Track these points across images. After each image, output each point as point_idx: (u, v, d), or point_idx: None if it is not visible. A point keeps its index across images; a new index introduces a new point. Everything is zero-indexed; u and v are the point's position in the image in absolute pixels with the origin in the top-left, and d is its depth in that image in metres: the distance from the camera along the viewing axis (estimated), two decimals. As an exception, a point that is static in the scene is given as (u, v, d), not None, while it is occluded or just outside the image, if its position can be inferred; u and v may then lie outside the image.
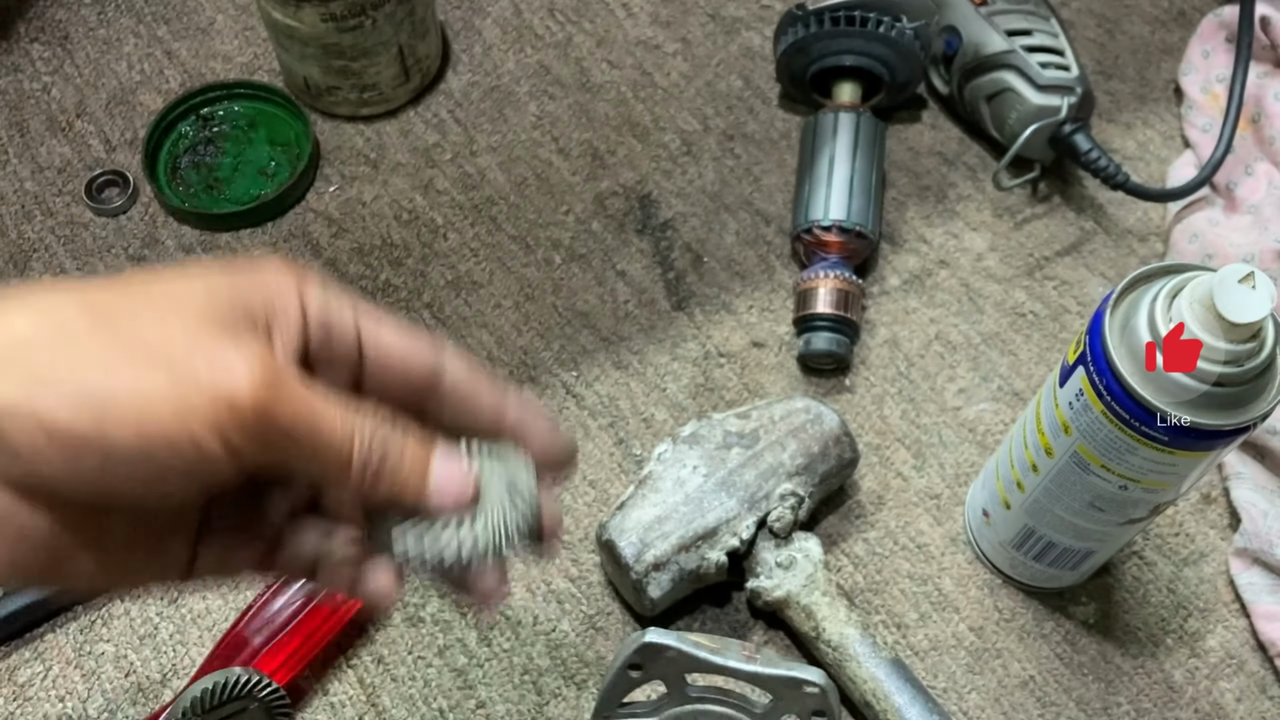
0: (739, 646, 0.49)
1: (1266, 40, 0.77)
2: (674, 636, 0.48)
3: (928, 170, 0.78)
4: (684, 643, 0.48)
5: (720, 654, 0.48)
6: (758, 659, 0.48)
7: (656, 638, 0.47)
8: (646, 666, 0.49)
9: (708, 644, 0.48)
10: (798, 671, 0.47)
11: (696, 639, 0.48)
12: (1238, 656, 0.62)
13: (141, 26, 0.84)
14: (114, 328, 0.32)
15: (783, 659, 0.49)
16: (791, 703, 0.49)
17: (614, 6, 0.85)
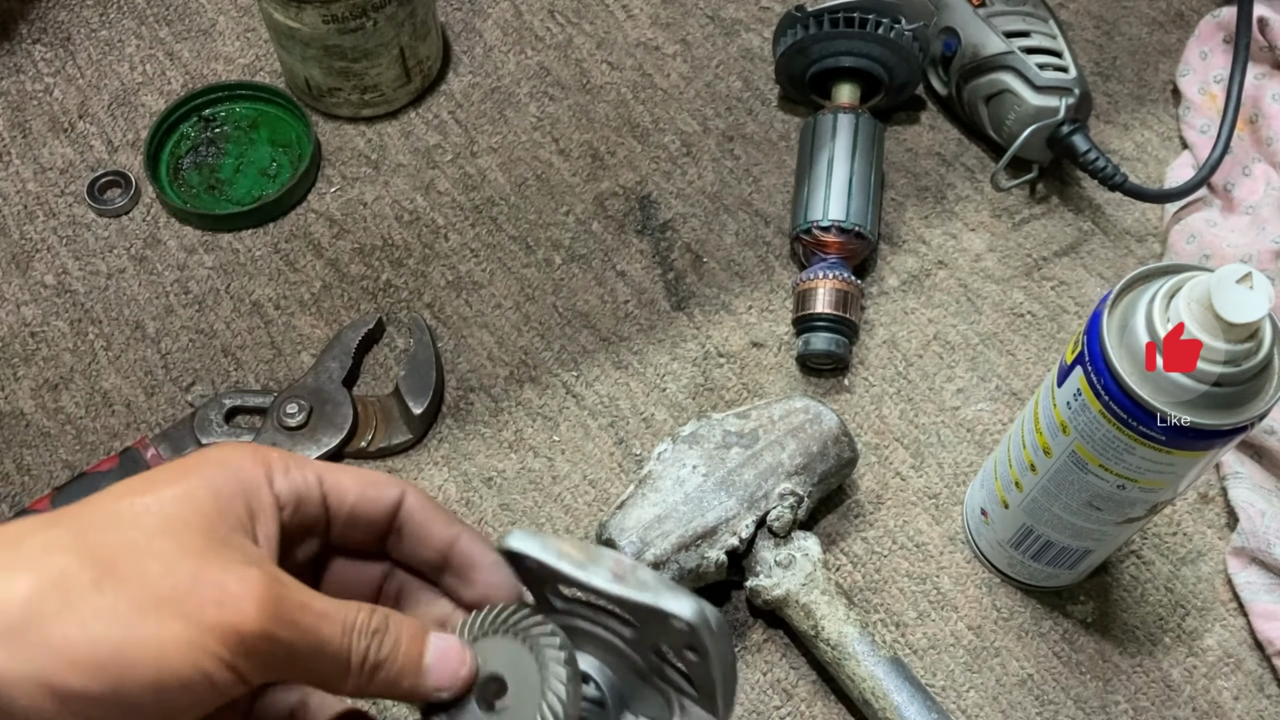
0: (613, 561, 0.40)
1: (1264, 41, 0.77)
2: (536, 543, 0.40)
3: (926, 171, 0.78)
4: (546, 551, 0.40)
5: (585, 568, 0.40)
6: (628, 579, 0.40)
7: (515, 543, 0.41)
8: (518, 565, 0.42)
9: (575, 554, 0.40)
10: (665, 602, 0.39)
11: (564, 547, 0.41)
12: (1235, 655, 0.63)
13: (143, 28, 0.84)
14: (116, 576, 0.32)
15: (662, 582, 0.41)
16: (660, 634, 0.41)
17: (614, 8, 0.85)
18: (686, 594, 0.39)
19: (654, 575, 0.40)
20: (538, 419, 0.69)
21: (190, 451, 0.67)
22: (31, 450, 0.68)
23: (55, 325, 0.72)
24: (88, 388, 0.70)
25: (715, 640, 0.39)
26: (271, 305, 0.73)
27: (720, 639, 0.39)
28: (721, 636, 0.39)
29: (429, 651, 0.37)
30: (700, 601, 0.39)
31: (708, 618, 0.39)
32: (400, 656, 0.36)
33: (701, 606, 0.39)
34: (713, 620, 0.39)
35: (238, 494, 0.35)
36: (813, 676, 0.62)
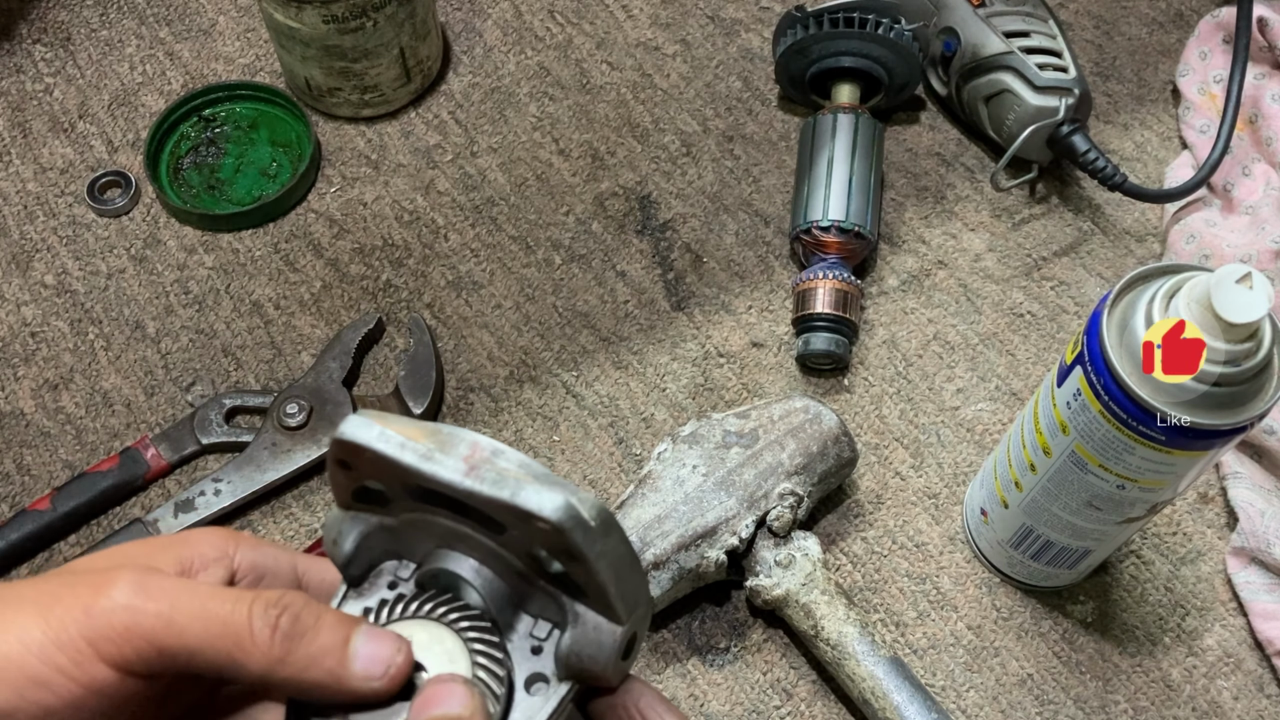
0: (468, 448, 0.33)
1: (1264, 41, 0.77)
2: (374, 431, 0.33)
3: (926, 171, 0.78)
4: (385, 442, 0.33)
5: (431, 459, 0.33)
6: (482, 470, 0.32)
7: (349, 432, 0.33)
8: (354, 464, 0.35)
9: (421, 443, 0.33)
10: (525, 498, 0.31)
11: (410, 433, 0.33)
12: (1235, 655, 0.63)
13: (144, 28, 0.84)
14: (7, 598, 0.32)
15: (529, 470, 0.33)
16: (529, 536, 0.34)
17: (614, 8, 0.86)
18: (557, 485, 0.32)
19: (521, 462, 0.33)
20: (538, 419, 0.69)
21: (190, 451, 0.67)
22: (31, 450, 0.68)
23: (55, 325, 0.72)
24: (88, 388, 0.70)
25: (593, 540, 0.32)
26: (271, 305, 0.73)
27: (601, 536, 0.32)
28: (603, 533, 0.32)
29: (357, 635, 0.33)
30: (572, 494, 0.32)
31: (579, 514, 0.32)
32: (322, 633, 0.33)
33: (570, 500, 0.32)
34: (588, 515, 0.32)
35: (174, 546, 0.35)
36: (813, 676, 0.62)
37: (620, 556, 0.33)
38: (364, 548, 0.36)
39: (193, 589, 0.33)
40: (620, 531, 0.33)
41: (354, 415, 0.34)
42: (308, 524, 0.66)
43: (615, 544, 0.33)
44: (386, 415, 0.34)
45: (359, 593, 0.36)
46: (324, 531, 0.37)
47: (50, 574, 0.34)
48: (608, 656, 0.34)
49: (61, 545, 0.65)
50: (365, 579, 0.37)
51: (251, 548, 0.37)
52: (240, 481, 0.65)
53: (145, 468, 0.66)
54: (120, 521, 0.66)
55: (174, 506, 0.64)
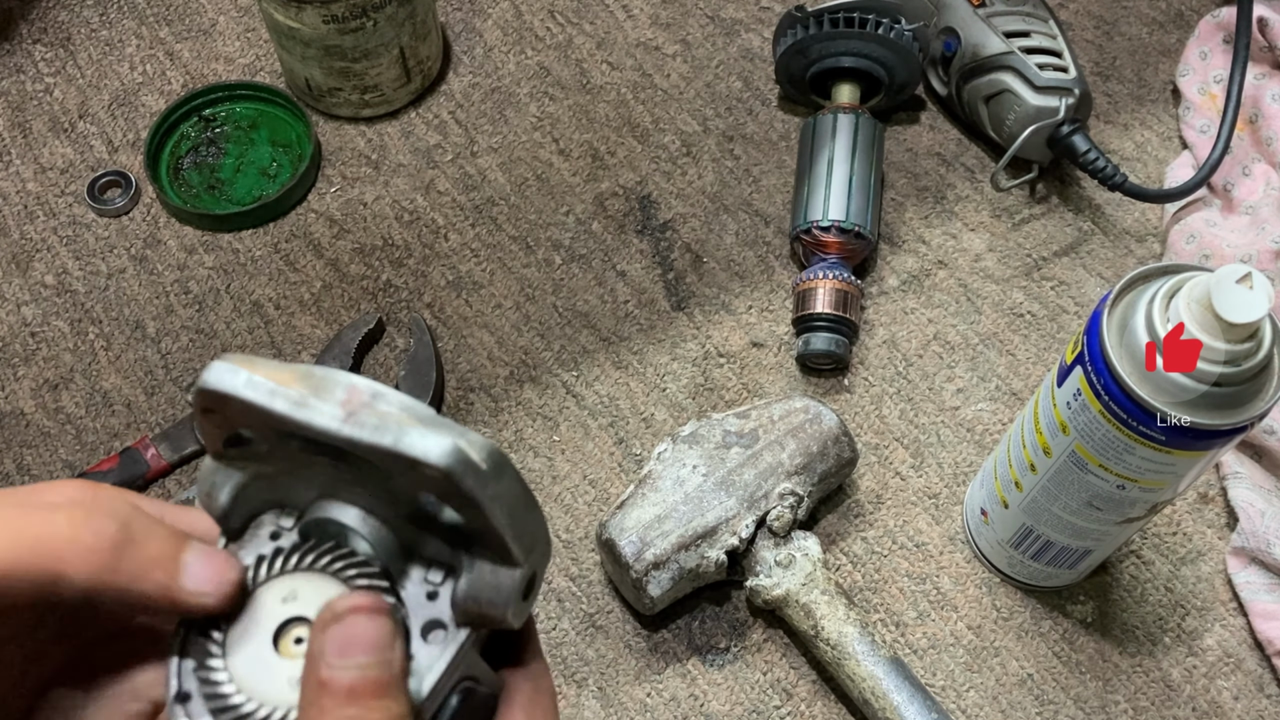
0: (344, 392, 0.31)
1: (1264, 41, 0.77)
2: (242, 377, 0.30)
3: (926, 171, 0.78)
4: (254, 389, 0.30)
5: (305, 406, 0.30)
6: (361, 416, 0.30)
7: (212, 380, 0.31)
8: (222, 413, 0.32)
9: (294, 387, 0.30)
10: (409, 443, 0.30)
11: (281, 378, 0.31)
12: (1235, 655, 0.63)
13: (144, 28, 0.84)
14: None
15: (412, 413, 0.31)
16: (416, 483, 0.31)
17: (614, 8, 0.86)
18: (444, 428, 0.30)
19: (403, 405, 0.31)
20: (538, 419, 0.69)
21: (190, 451, 0.67)
22: (32, 450, 0.68)
23: (55, 325, 0.72)
24: (88, 388, 0.70)
25: (484, 483, 0.30)
26: (271, 305, 0.73)
27: (493, 479, 0.30)
28: (495, 475, 0.30)
29: (189, 550, 0.31)
30: (460, 435, 0.30)
31: (468, 457, 0.30)
32: (152, 543, 0.31)
33: (458, 443, 0.30)
34: (478, 458, 0.30)
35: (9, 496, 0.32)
36: (813, 676, 0.62)
37: (515, 497, 0.31)
38: (241, 499, 0.34)
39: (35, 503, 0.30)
40: (513, 471, 0.31)
41: (218, 360, 0.31)
42: (308, 524, 0.66)
43: (508, 485, 0.31)
44: (254, 359, 0.32)
45: (239, 545, 0.34)
46: (198, 485, 0.34)
47: None
48: (506, 599, 0.32)
49: (61, 545, 0.65)
50: (245, 531, 0.34)
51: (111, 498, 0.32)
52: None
53: (145, 468, 0.66)
54: (120, 521, 0.66)
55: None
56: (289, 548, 0.33)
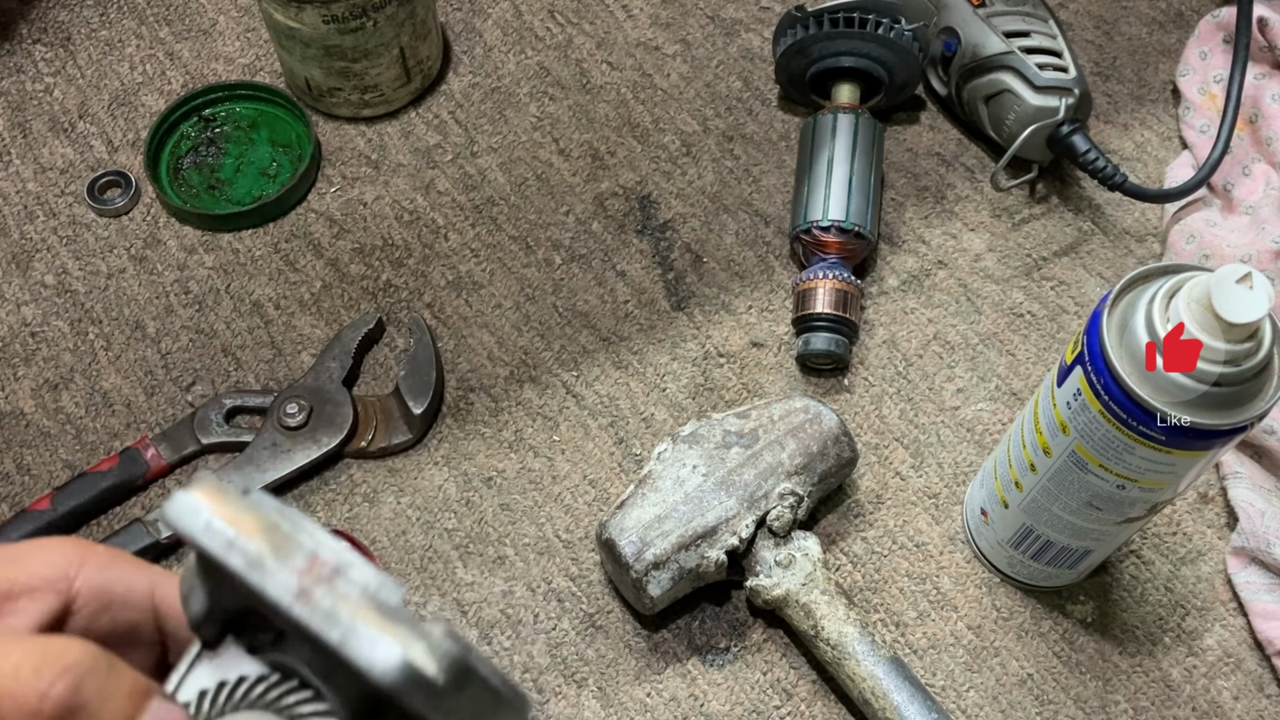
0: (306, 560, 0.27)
1: (1264, 41, 0.77)
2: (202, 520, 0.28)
3: (926, 171, 0.78)
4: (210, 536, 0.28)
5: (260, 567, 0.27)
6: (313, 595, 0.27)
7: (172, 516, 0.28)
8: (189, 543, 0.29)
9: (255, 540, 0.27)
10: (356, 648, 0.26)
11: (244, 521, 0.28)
12: (1235, 655, 0.63)
13: (144, 28, 0.84)
14: None
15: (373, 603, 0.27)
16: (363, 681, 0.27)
17: (614, 8, 0.86)
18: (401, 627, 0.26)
19: (364, 588, 0.27)
20: (538, 419, 0.69)
21: (190, 451, 0.67)
22: (31, 450, 0.68)
23: (55, 325, 0.72)
24: (88, 388, 0.70)
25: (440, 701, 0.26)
26: (271, 305, 0.73)
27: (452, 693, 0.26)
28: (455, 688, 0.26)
29: (147, 713, 0.29)
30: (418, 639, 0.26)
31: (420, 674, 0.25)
32: (107, 709, 0.28)
33: (408, 656, 0.25)
34: (435, 670, 0.26)
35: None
36: (813, 676, 0.62)
37: (478, 712, 0.27)
38: (217, 608, 0.31)
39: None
40: (479, 679, 0.27)
41: (183, 492, 0.29)
42: (308, 524, 0.66)
43: (471, 699, 0.27)
44: (225, 491, 0.29)
45: (214, 653, 0.32)
46: (179, 585, 0.32)
47: None
48: None
49: (61, 545, 0.65)
50: (222, 640, 0.32)
51: (99, 568, 0.32)
52: (240, 481, 0.65)
53: (145, 468, 0.66)
54: (120, 521, 0.66)
55: (174, 506, 0.64)
56: (255, 678, 0.31)
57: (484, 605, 0.64)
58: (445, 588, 0.64)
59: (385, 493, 0.67)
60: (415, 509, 0.67)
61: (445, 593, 0.64)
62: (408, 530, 0.66)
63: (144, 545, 0.63)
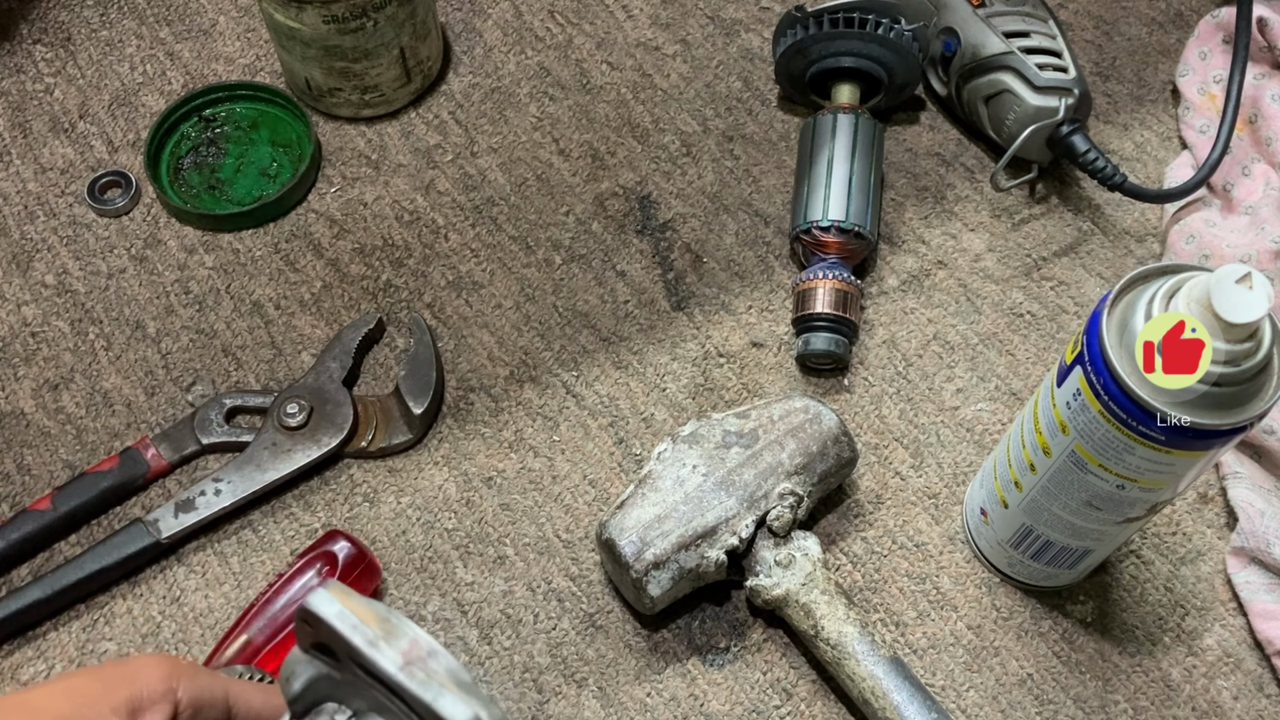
0: (408, 644, 0.38)
1: (1264, 42, 0.77)
2: (335, 608, 0.38)
3: (926, 171, 0.78)
4: (341, 620, 0.38)
5: (375, 646, 0.38)
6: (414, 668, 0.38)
7: (314, 604, 0.39)
8: (315, 627, 0.40)
9: (373, 627, 0.38)
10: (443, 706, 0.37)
11: (364, 613, 0.38)
12: (1235, 655, 0.63)
13: (144, 28, 0.84)
14: None
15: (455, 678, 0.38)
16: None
17: (614, 8, 0.86)
18: (473, 699, 0.37)
19: (451, 667, 0.38)
20: (538, 419, 0.69)
21: (190, 451, 0.67)
22: (32, 450, 0.68)
23: (56, 325, 0.72)
24: (88, 387, 0.70)
25: None
26: (272, 305, 0.73)
27: None
28: None
29: None
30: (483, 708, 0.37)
31: None
32: None
33: (479, 713, 0.37)
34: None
35: (125, 687, 0.40)
36: (813, 676, 0.62)
37: None
38: (310, 689, 0.42)
39: None
40: None
41: (321, 589, 0.39)
42: (308, 524, 0.66)
43: None
44: (350, 593, 0.39)
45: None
46: (282, 668, 0.42)
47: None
48: None
49: (62, 545, 0.65)
50: (307, 714, 0.42)
51: (191, 679, 0.42)
52: (240, 481, 0.65)
53: (146, 468, 0.66)
54: (120, 521, 0.66)
55: (174, 506, 0.64)
56: None
57: (484, 605, 0.64)
58: (445, 588, 0.64)
59: (385, 493, 0.67)
60: (415, 509, 0.67)
61: (445, 593, 0.64)
62: (408, 530, 0.66)
63: (144, 545, 0.63)
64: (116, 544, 0.63)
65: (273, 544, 0.65)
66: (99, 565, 0.63)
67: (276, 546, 0.65)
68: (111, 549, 0.63)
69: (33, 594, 0.62)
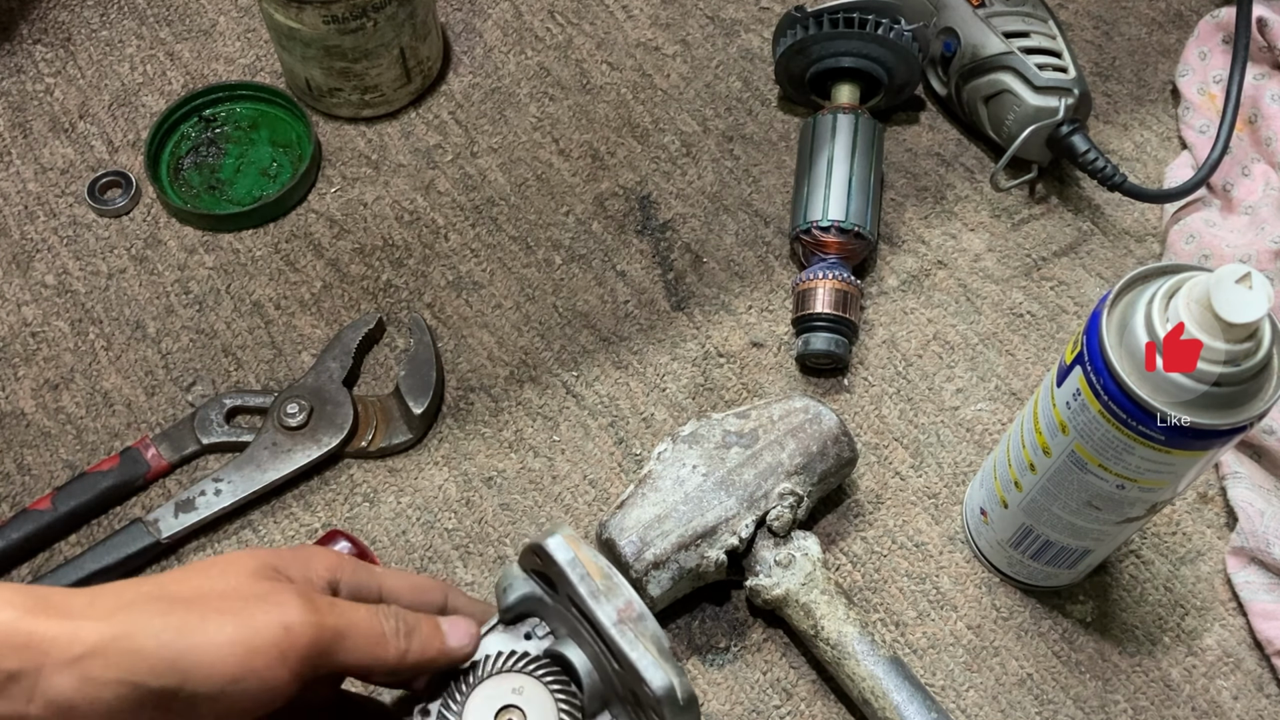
0: (624, 603, 0.44)
1: (1263, 42, 0.77)
2: (568, 553, 0.45)
3: (926, 171, 0.78)
4: (572, 567, 0.45)
5: (597, 598, 0.44)
6: (627, 625, 0.44)
7: (552, 547, 0.45)
8: (545, 563, 0.46)
9: (597, 580, 0.44)
10: (644, 664, 0.43)
11: (592, 566, 0.45)
12: (1235, 655, 0.63)
13: (144, 28, 0.84)
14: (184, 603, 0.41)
15: (657, 643, 0.44)
16: (635, 684, 0.44)
17: (614, 8, 0.86)
18: (671, 666, 0.43)
19: (655, 633, 0.44)
20: (538, 419, 0.69)
21: (191, 451, 0.67)
22: (32, 450, 0.68)
23: (56, 325, 0.72)
24: (88, 387, 0.70)
25: (676, 713, 0.43)
26: (272, 305, 0.73)
27: (683, 712, 0.44)
28: (686, 710, 0.44)
29: (445, 624, 0.47)
30: (677, 675, 0.43)
31: (675, 694, 0.43)
32: (425, 627, 0.46)
33: (673, 683, 0.43)
34: (681, 697, 0.43)
35: (299, 562, 0.45)
36: (812, 676, 0.62)
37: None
38: (521, 602, 0.48)
39: (351, 609, 0.44)
40: (696, 711, 0.45)
41: (559, 532, 0.45)
42: (308, 524, 0.66)
43: (690, 717, 0.45)
44: (579, 541, 0.46)
45: (505, 628, 0.49)
46: (499, 579, 0.49)
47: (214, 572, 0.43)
48: None
49: (62, 545, 0.65)
50: (514, 623, 0.49)
51: (351, 571, 0.47)
52: (241, 481, 0.65)
53: (146, 467, 0.66)
54: (121, 521, 0.66)
55: (174, 506, 0.65)
56: (534, 655, 0.47)
57: (484, 605, 0.64)
58: (445, 587, 0.64)
59: (385, 493, 0.67)
60: (415, 509, 0.67)
61: (445, 592, 0.64)
62: (408, 530, 0.66)
63: (144, 545, 0.63)
64: (116, 544, 0.63)
65: (273, 544, 0.65)
66: (99, 565, 0.63)
67: (277, 547, 0.65)
68: (111, 549, 0.63)
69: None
